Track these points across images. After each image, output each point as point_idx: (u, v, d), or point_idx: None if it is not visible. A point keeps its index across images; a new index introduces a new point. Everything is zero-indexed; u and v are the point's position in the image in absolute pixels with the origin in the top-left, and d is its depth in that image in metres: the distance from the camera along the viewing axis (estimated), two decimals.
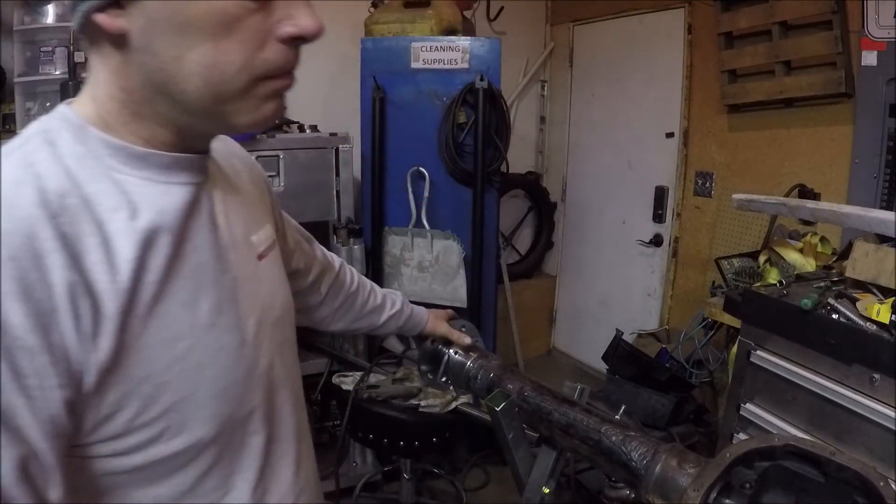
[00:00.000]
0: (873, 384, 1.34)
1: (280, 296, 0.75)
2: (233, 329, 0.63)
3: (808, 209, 1.76)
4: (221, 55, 0.52)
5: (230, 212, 0.67)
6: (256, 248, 0.71)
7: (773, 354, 1.59)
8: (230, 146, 0.80)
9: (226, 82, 0.53)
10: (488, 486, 2.81)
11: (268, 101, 0.58)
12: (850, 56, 2.30)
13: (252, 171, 0.82)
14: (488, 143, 2.55)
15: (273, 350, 0.71)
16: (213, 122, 0.58)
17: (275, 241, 0.78)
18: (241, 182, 0.75)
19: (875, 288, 1.50)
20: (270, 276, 0.73)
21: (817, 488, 0.73)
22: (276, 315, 0.72)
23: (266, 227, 0.76)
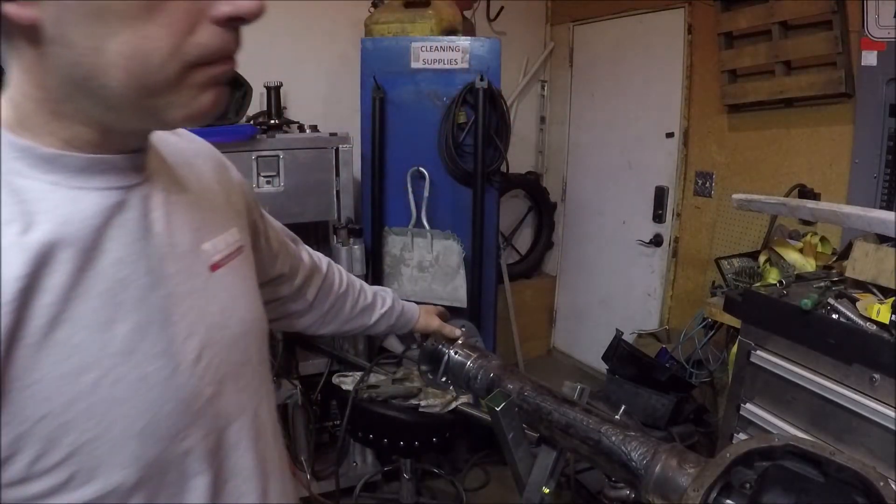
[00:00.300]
0: (873, 384, 1.34)
1: (240, 310, 0.66)
2: (161, 355, 0.54)
3: (808, 209, 1.76)
4: (145, 42, 0.46)
5: (175, 216, 0.59)
6: (210, 256, 0.63)
7: (773, 354, 1.59)
8: (194, 143, 0.73)
9: (152, 73, 0.47)
10: (488, 486, 2.81)
11: (205, 90, 0.51)
12: (850, 56, 2.29)
13: (220, 171, 0.75)
14: (488, 143, 2.55)
15: (224, 375, 0.61)
16: (142, 119, 0.52)
17: (241, 247, 0.70)
18: (200, 183, 0.68)
19: (875, 288, 1.50)
20: (228, 288, 0.65)
21: (817, 488, 0.73)
22: (231, 333, 0.63)
23: (230, 232, 0.68)
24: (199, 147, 0.74)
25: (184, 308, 0.57)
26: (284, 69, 2.78)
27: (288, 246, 0.95)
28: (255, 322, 0.69)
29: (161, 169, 0.61)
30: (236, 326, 0.64)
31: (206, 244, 0.63)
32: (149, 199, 0.57)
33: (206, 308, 0.60)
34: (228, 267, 0.66)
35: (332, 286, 1.06)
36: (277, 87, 2.57)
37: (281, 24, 3.00)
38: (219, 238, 0.66)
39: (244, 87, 2.35)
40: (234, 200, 0.75)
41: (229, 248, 0.67)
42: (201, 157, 0.72)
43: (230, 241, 0.68)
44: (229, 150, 2.39)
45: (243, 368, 0.65)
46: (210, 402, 0.59)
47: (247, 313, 0.68)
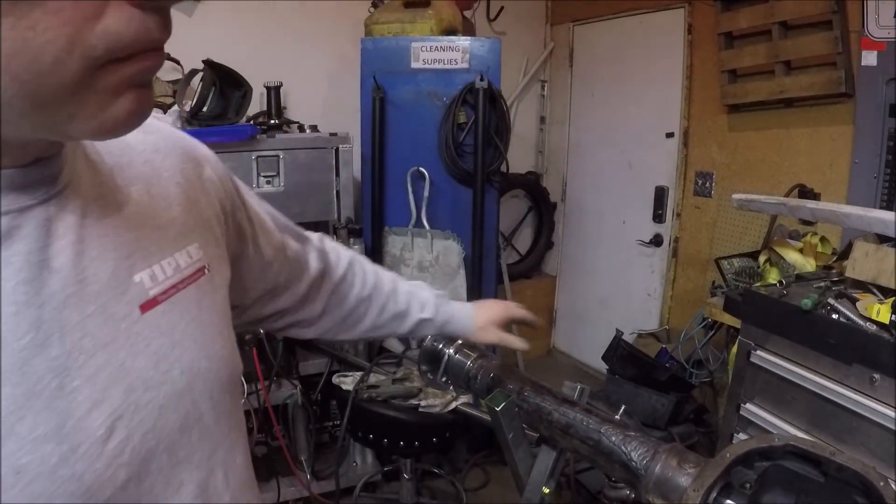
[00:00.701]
0: (873, 384, 1.34)
1: (187, 356, 0.52)
2: (46, 438, 0.40)
3: (808, 209, 1.76)
4: (31, 35, 0.33)
5: (91, 243, 0.46)
6: (144, 291, 0.49)
7: (773, 354, 1.59)
8: (153, 135, 0.58)
9: (44, 75, 0.34)
10: (488, 486, 2.81)
11: (119, 95, 0.38)
12: (850, 56, 2.30)
13: (186, 169, 0.60)
14: (488, 143, 2.55)
15: (151, 450, 0.47)
16: (37, 131, 0.39)
17: (201, 269, 0.56)
18: (149, 189, 0.54)
19: (875, 288, 1.50)
20: (168, 330, 0.50)
21: (817, 488, 0.73)
22: (167, 392, 0.49)
23: (186, 252, 0.55)
24: (160, 139, 0.59)
25: (90, 369, 0.43)
26: (284, 69, 2.78)
27: (287, 250, 0.80)
28: (213, 367, 0.54)
29: (84, 177, 0.48)
30: (177, 380, 0.50)
31: (141, 274, 0.49)
32: (52, 222, 0.43)
33: (126, 363, 0.46)
34: (174, 300, 0.52)
35: (349, 291, 0.91)
36: (277, 87, 2.57)
37: (281, 24, 3.00)
38: (165, 262, 0.52)
39: (244, 87, 2.35)
40: (203, 206, 0.60)
41: (180, 274, 0.53)
42: (161, 152, 0.58)
43: (184, 263, 0.54)
44: (229, 150, 2.41)
45: (185, 434, 0.51)
46: (124, 488, 0.45)
47: (197, 359, 0.53)
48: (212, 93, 2.27)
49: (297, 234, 0.85)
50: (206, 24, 2.84)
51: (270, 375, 2.28)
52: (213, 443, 0.55)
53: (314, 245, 0.88)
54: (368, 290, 0.92)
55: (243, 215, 0.71)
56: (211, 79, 2.27)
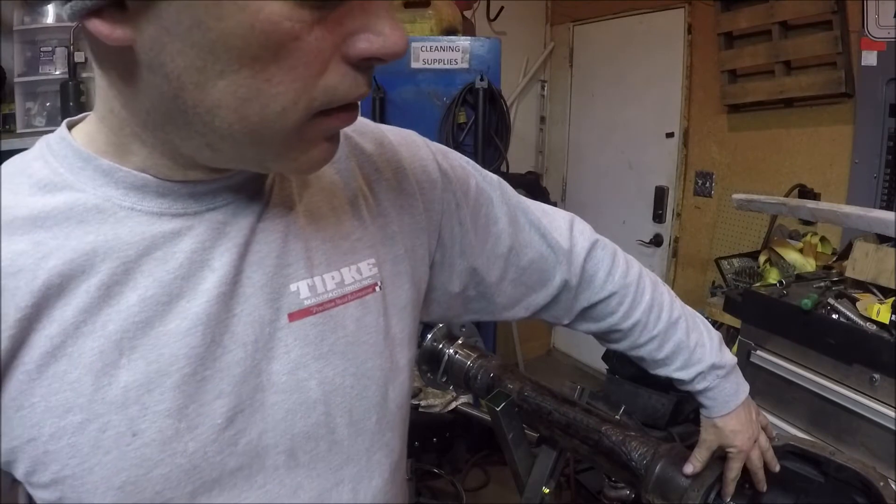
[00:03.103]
0: (873, 384, 1.33)
1: (327, 370, 0.52)
2: (167, 414, 0.45)
3: (808, 209, 1.76)
4: (265, 85, 0.38)
5: (256, 248, 0.49)
6: (299, 300, 0.50)
7: (773, 354, 1.59)
8: (362, 137, 0.59)
9: (269, 121, 0.39)
10: (488, 486, 2.81)
11: (318, 144, 0.44)
12: (850, 56, 2.29)
13: (381, 179, 0.59)
14: (488, 143, 2.55)
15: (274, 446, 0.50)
16: (239, 162, 0.45)
17: (371, 286, 0.55)
18: (332, 200, 0.55)
19: (875, 288, 1.50)
20: (312, 343, 0.51)
21: (817, 488, 0.73)
22: (302, 399, 0.51)
23: (355, 268, 0.54)
24: (358, 142, 0.59)
25: (224, 363, 0.47)
26: None
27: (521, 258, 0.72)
28: (358, 385, 0.54)
29: (272, 185, 0.51)
30: (312, 390, 0.51)
31: (299, 284, 0.50)
32: (227, 226, 0.48)
33: (261, 364, 0.49)
34: (331, 314, 0.52)
35: (604, 316, 0.79)
36: None
37: None
38: (329, 275, 0.52)
39: None
40: (391, 219, 0.59)
41: (342, 289, 0.53)
42: (355, 157, 0.58)
43: (350, 279, 0.54)
44: None
45: (311, 442, 0.52)
46: (233, 475, 0.48)
47: (341, 374, 0.53)
48: None
49: (550, 240, 0.75)
50: None
51: None
52: (344, 457, 0.54)
53: (568, 255, 0.76)
54: (631, 322, 0.79)
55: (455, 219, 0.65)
56: None
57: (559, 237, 0.76)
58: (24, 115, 2.37)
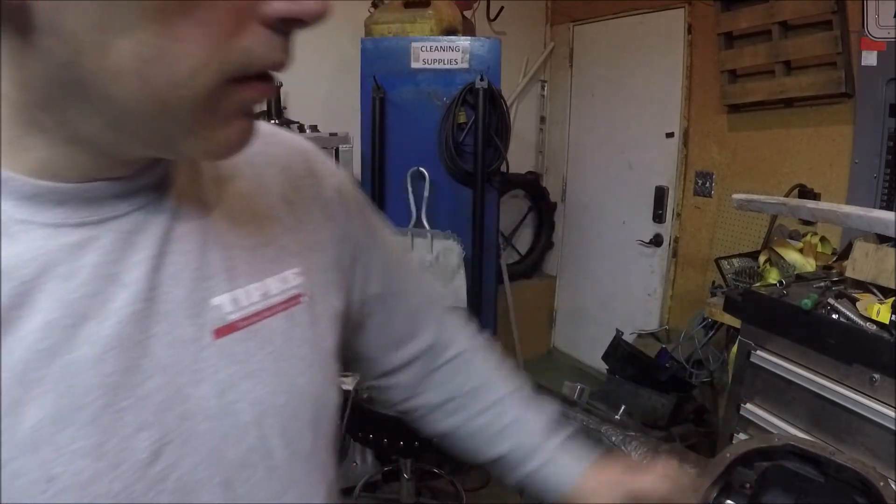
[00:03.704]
0: (873, 384, 1.34)
1: (260, 388, 0.47)
2: (85, 453, 0.39)
3: (808, 209, 1.76)
4: (173, 44, 0.34)
5: (173, 258, 0.44)
6: (221, 316, 0.46)
7: (773, 354, 1.59)
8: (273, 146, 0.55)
9: (178, 85, 0.35)
10: (488, 486, 2.81)
11: (232, 121, 0.39)
12: (850, 56, 2.30)
13: (301, 185, 0.56)
14: (488, 143, 2.55)
15: (201, 482, 0.44)
16: (148, 144, 0.39)
17: (296, 296, 0.51)
18: (253, 206, 0.51)
19: (875, 288, 1.50)
20: (242, 359, 0.47)
21: (817, 488, 0.73)
22: (234, 423, 0.46)
23: (280, 277, 0.51)
24: (278, 151, 0.56)
25: (144, 390, 0.41)
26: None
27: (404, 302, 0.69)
28: (291, 403, 0.50)
29: (182, 187, 0.46)
30: (244, 412, 0.46)
31: (222, 297, 0.46)
32: (135, 235, 0.42)
33: (186, 389, 0.43)
34: (256, 328, 0.48)
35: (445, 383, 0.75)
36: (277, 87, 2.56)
37: None
38: (253, 286, 0.48)
39: None
40: (315, 227, 0.56)
41: (268, 301, 0.49)
42: (276, 164, 0.55)
43: (276, 289, 0.50)
44: None
45: (247, 470, 0.47)
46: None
47: (273, 393, 0.48)
48: None
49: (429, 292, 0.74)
50: None
51: None
52: (285, 482, 0.50)
53: (439, 314, 0.76)
54: (466, 389, 0.75)
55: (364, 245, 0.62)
56: None
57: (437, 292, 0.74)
58: None
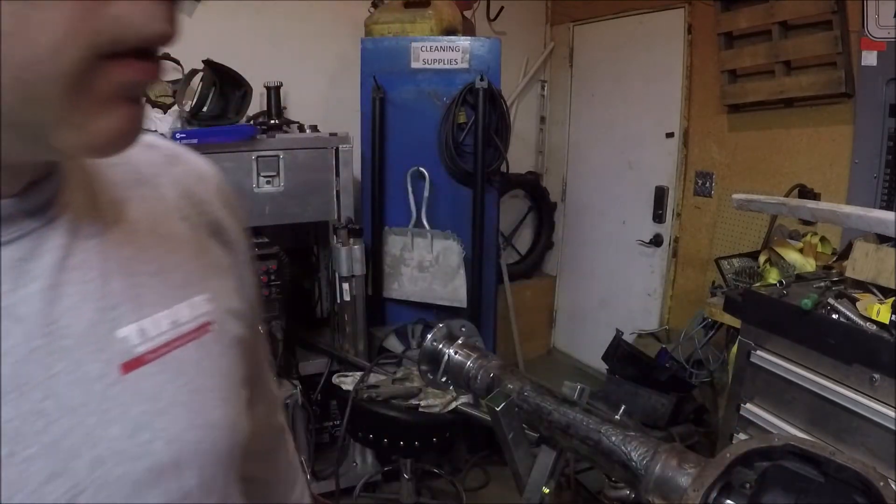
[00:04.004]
0: (873, 384, 1.34)
1: (175, 425, 0.43)
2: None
3: (808, 209, 1.76)
4: (31, 12, 0.29)
5: (70, 288, 0.39)
6: (129, 348, 0.42)
7: (773, 354, 1.59)
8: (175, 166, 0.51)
9: (40, 62, 0.30)
10: (488, 486, 2.81)
11: (111, 107, 0.34)
12: (850, 56, 2.29)
13: (202, 203, 0.52)
14: (488, 143, 2.55)
15: None
16: (16, 141, 0.33)
17: (206, 324, 0.47)
18: (155, 227, 0.47)
19: (875, 288, 1.50)
20: (153, 395, 0.43)
21: (817, 488, 0.73)
22: (150, 465, 0.41)
23: (190, 303, 0.47)
24: (177, 170, 0.51)
25: (50, 435, 0.37)
26: (284, 69, 2.78)
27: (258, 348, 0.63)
28: (206, 439, 0.46)
29: (77, 208, 0.41)
30: (160, 453, 0.42)
31: (128, 329, 0.42)
32: (26, 263, 0.38)
33: (96, 431, 0.39)
34: (166, 360, 0.44)
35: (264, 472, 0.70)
36: (277, 87, 2.57)
37: (281, 24, 3.00)
38: (161, 315, 0.44)
39: (244, 87, 2.35)
40: (219, 249, 0.52)
41: (177, 330, 0.45)
42: (179, 183, 0.50)
43: (185, 317, 0.46)
44: (229, 151, 2.42)
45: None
46: None
47: (187, 429, 0.44)
48: (212, 93, 2.27)
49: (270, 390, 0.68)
50: (206, 24, 2.83)
51: None
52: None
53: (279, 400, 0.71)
54: None
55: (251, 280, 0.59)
56: (211, 79, 2.27)
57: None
58: None
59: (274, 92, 2.57)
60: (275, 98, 2.58)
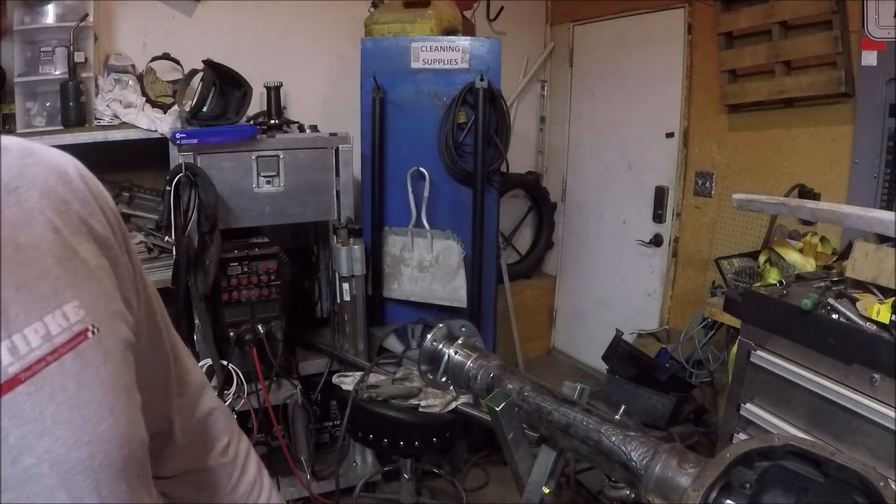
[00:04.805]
0: (873, 384, 1.34)
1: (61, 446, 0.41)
2: None
3: (808, 209, 1.76)
4: None
5: None
6: (2, 369, 0.40)
7: (773, 354, 1.59)
8: (30, 167, 0.47)
9: None
10: (488, 486, 2.81)
11: None
12: (850, 56, 2.29)
13: (67, 207, 0.48)
14: (488, 143, 2.55)
15: None
16: None
17: (83, 331, 0.45)
18: (17, 236, 0.44)
19: (875, 288, 1.50)
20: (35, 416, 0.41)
21: (817, 488, 0.73)
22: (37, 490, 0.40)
23: (61, 312, 0.44)
24: (36, 171, 0.48)
25: None
26: (284, 69, 2.78)
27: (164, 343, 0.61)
28: (97, 453, 0.43)
29: None
30: (46, 476, 0.40)
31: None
32: None
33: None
34: (43, 376, 0.41)
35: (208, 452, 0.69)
36: (277, 87, 2.57)
37: (281, 24, 3.00)
38: (30, 329, 0.42)
39: (244, 87, 2.35)
40: (89, 253, 0.49)
41: (50, 343, 0.42)
42: (37, 187, 0.47)
43: (56, 328, 0.43)
44: (229, 151, 2.42)
45: None
46: None
47: (74, 447, 0.42)
48: (212, 93, 2.27)
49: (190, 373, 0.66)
50: (206, 24, 2.84)
51: (270, 375, 2.28)
52: None
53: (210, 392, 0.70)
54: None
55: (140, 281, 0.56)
56: (211, 79, 2.27)
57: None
58: (24, 115, 2.37)
59: (274, 92, 2.57)
60: (275, 98, 2.57)
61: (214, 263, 2.11)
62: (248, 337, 2.22)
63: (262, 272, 2.26)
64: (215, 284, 2.16)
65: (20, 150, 0.48)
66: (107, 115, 2.40)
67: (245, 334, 2.23)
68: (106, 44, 2.63)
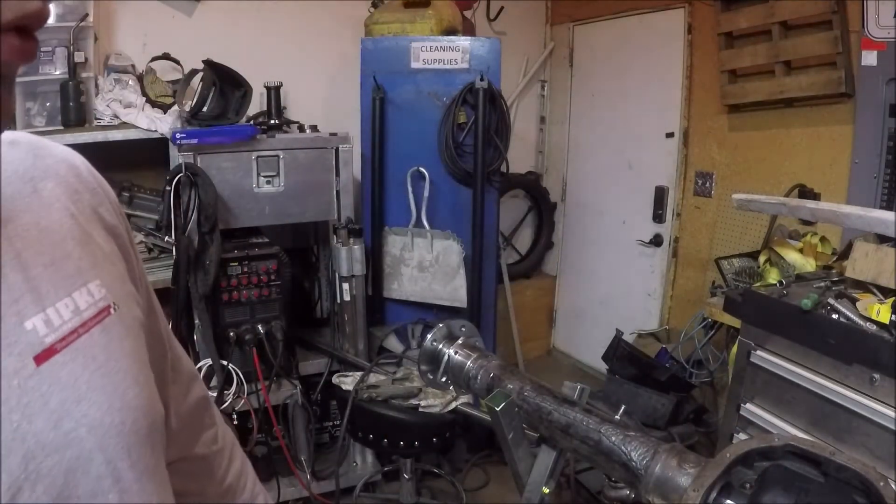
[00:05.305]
0: (873, 384, 1.34)
1: (97, 411, 0.44)
2: None
3: (808, 209, 1.76)
4: None
5: None
6: (39, 339, 0.42)
7: (773, 354, 1.59)
8: (44, 158, 0.51)
9: None
10: (488, 486, 2.81)
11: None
12: (850, 56, 2.30)
13: (80, 197, 0.52)
14: (488, 143, 2.55)
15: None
16: None
17: (107, 307, 0.48)
18: (39, 221, 0.47)
19: (875, 288, 1.50)
20: (71, 383, 0.43)
21: (817, 488, 0.73)
22: (78, 453, 0.42)
23: (87, 289, 0.47)
24: (50, 163, 0.51)
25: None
26: (284, 69, 2.78)
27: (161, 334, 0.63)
28: (127, 420, 0.46)
29: None
30: (85, 439, 0.43)
31: (34, 320, 0.42)
32: None
33: (22, 427, 0.39)
34: (76, 347, 0.44)
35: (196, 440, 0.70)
36: (277, 87, 2.57)
37: (281, 24, 3.01)
38: (62, 304, 0.45)
39: (244, 87, 2.35)
40: (102, 239, 0.52)
41: (80, 317, 0.45)
42: (52, 178, 0.50)
43: (84, 303, 0.46)
44: (229, 151, 2.41)
45: (98, 500, 0.44)
46: None
47: (108, 412, 0.45)
48: (212, 93, 2.27)
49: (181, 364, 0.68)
50: (206, 24, 2.84)
51: (270, 375, 2.28)
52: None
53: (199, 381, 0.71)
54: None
55: (139, 270, 0.58)
56: (211, 79, 2.27)
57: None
58: (24, 115, 2.37)
59: (274, 92, 2.57)
60: (275, 98, 2.57)
61: (214, 263, 2.12)
62: (248, 337, 2.22)
63: (262, 272, 2.26)
64: (215, 284, 2.16)
65: (30, 144, 0.51)
66: (107, 115, 2.40)
67: (245, 334, 2.23)
68: (106, 44, 2.63)
